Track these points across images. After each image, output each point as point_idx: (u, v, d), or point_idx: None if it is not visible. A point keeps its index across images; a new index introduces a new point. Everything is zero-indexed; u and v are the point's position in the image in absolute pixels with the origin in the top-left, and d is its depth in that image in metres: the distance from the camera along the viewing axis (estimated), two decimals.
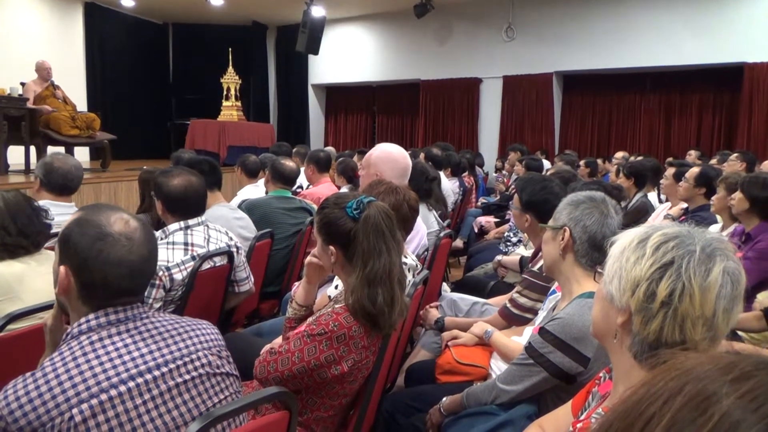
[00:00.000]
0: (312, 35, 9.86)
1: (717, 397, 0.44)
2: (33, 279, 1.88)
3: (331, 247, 1.59)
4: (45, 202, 2.50)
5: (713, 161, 6.16)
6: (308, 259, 1.72)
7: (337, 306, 1.57)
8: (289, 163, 3.71)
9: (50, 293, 1.73)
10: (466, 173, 6.59)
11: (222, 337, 1.35)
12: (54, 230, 2.12)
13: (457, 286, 3.48)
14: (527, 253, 3.13)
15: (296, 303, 1.78)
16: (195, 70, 12.21)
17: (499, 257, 3.35)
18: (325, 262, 1.65)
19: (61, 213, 2.57)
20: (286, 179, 3.65)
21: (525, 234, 3.45)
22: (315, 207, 3.59)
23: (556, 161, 6.99)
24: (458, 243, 5.31)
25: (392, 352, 1.86)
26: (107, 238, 1.16)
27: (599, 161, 7.37)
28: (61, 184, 2.80)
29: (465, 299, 2.64)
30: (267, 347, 1.74)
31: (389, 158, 2.73)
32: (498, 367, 1.97)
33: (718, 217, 3.41)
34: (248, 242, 2.84)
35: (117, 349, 1.14)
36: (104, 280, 1.15)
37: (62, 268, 1.17)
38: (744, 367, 0.46)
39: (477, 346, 2.13)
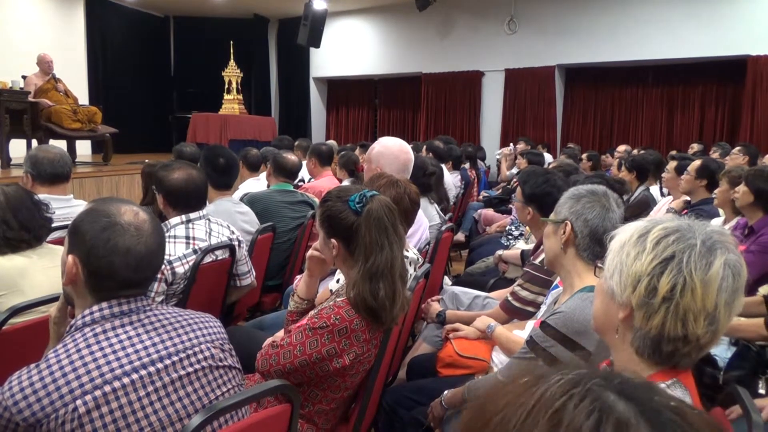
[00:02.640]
0: (313, 28, 9.83)
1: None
2: (35, 273, 1.88)
3: (333, 241, 1.59)
4: (43, 196, 2.50)
5: (715, 154, 6.15)
6: (309, 252, 1.72)
7: (338, 299, 1.58)
8: (291, 157, 3.70)
9: (52, 287, 1.75)
10: (468, 165, 6.59)
11: (224, 330, 1.36)
12: (55, 224, 2.12)
13: (459, 280, 3.48)
14: (527, 247, 3.13)
15: (298, 296, 1.78)
16: (196, 63, 12.18)
17: (499, 252, 3.34)
18: (326, 256, 1.65)
19: (60, 206, 2.57)
20: (288, 173, 3.64)
21: (527, 228, 3.45)
22: (317, 200, 3.58)
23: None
24: (460, 236, 5.31)
25: (393, 346, 1.87)
26: (116, 227, 1.17)
27: (603, 157, 7.36)
28: (52, 173, 2.77)
29: (466, 293, 2.65)
30: (269, 340, 1.74)
31: (389, 153, 2.73)
32: (499, 360, 1.98)
33: (721, 211, 3.41)
34: (251, 236, 2.84)
35: (120, 341, 1.15)
36: (110, 268, 1.16)
37: (70, 257, 1.18)
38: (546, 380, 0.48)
39: (478, 339, 2.13)
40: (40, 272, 1.89)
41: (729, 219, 3.24)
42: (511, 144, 8.64)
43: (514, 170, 7.27)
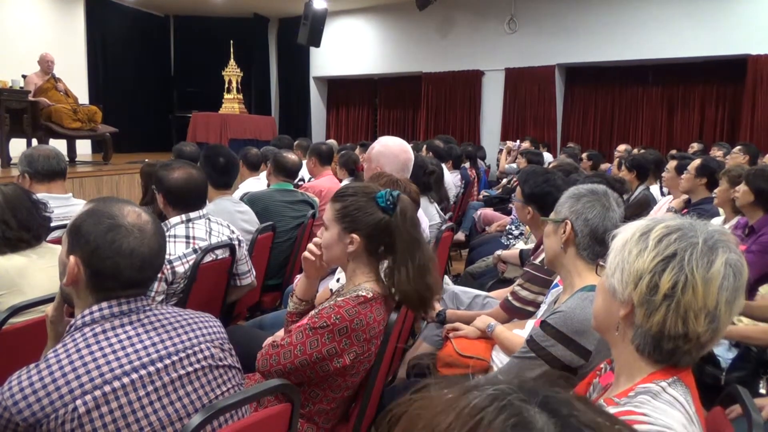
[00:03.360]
0: (314, 27, 9.84)
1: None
2: (34, 272, 1.88)
3: (354, 236, 1.57)
4: (42, 195, 2.49)
5: (718, 154, 6.14)
6: (304, 254, 1.70)
7: (339, 299, 1.57)
8: (292, 156, 3.70)
9: (52, 286, 1.74)
10: (468, 164, 6.58)
11: (224, 329, 1.35)
12: (54, 223, 2.11)
13: (459, 280, 3.48)
14: (527, 247, 3.13)
15: (296, 297, 1.78)
16: (196, 62, 12.17)
17: (498, 252, 3.34)
18: (334, 252, 1.62)
19: (59, 205, 2.57)
20: (288, 172, 3.64)
21: (526, 227, 3.44)
22: (317, 200, 3.59)
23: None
24: (460, 236, 5.31)
25: (394, 345, 1.86)
26: (120, 228, 1.17)
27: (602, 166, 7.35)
28: (48, 170, 2.76)
29: (467, 292, 2.64)
30: (269, 340, 1.74)
31: (389, 152, 2.73)
32: (500, 359, 1.97)
33: (721, 210, 3.40)
34: (251, 235, 2.84)
35: (120, 341, 1.15)
36: (115, 269, 1.16)
37: (72, 258, 1.18)
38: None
39: (479, 338, 2.13)
40: (39, 271, 1.89)
41: (729, 218, 3.24)
42: (518, 140, 8.65)
43: (513, 165, 7.27)
